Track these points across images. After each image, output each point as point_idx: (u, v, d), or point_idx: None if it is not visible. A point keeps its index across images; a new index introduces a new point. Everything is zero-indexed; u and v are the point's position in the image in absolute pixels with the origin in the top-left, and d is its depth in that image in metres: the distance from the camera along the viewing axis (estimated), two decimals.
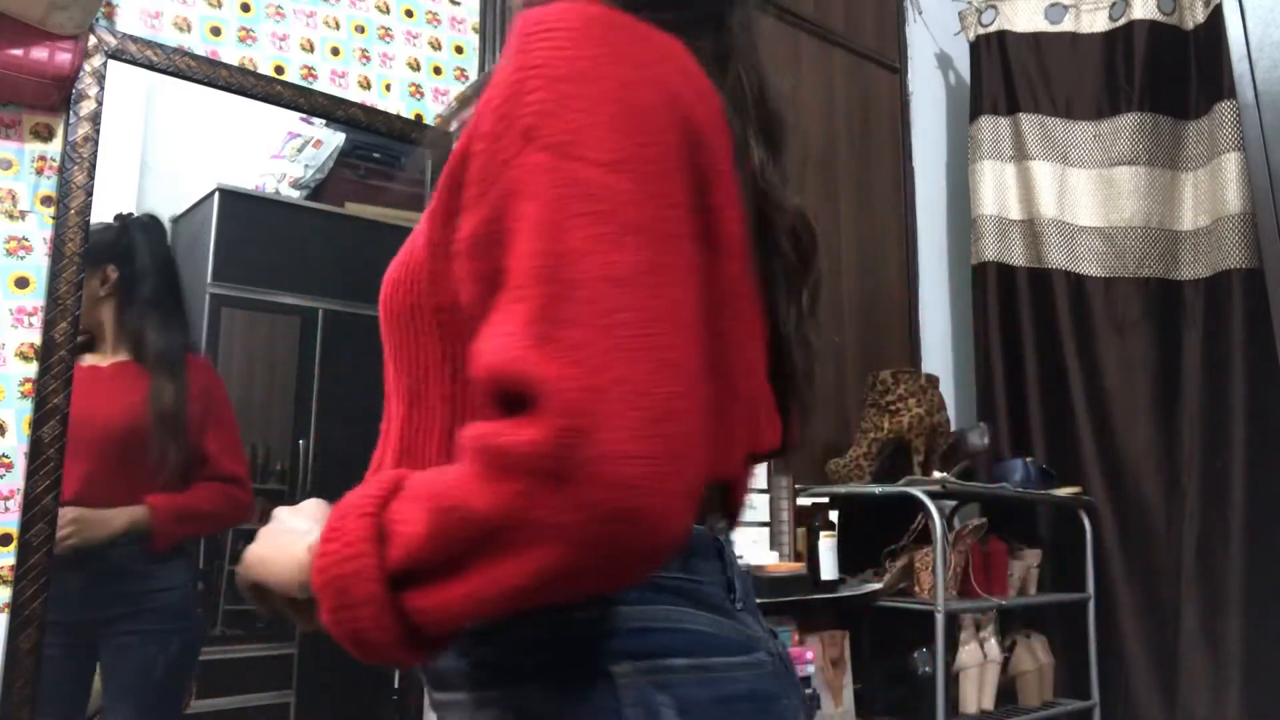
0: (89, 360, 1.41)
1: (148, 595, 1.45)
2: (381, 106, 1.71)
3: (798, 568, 1.81)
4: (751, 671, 0.55)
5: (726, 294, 0.53)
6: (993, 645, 2.02)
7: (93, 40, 1.38)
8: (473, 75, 1.85)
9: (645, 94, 0.50)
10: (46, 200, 1.36)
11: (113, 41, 1.41)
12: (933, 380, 2.17)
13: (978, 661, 1.99)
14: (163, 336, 1.47)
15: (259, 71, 1.57)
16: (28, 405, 1.31)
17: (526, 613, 0.47)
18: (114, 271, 1.43)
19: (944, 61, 2.89)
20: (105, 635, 1.40)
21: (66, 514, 1.35)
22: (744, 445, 0.57)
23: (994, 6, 2.67)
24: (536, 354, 0.44)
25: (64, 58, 1.32)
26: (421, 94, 1.78)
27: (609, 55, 0.50)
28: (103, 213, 1.38)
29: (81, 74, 1.36)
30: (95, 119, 1.38)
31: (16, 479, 1.29)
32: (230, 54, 1.56)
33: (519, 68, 0.50)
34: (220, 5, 1.57)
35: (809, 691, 1.77)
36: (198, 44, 1.53)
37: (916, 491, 1.89)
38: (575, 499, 0.42)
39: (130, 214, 1.45)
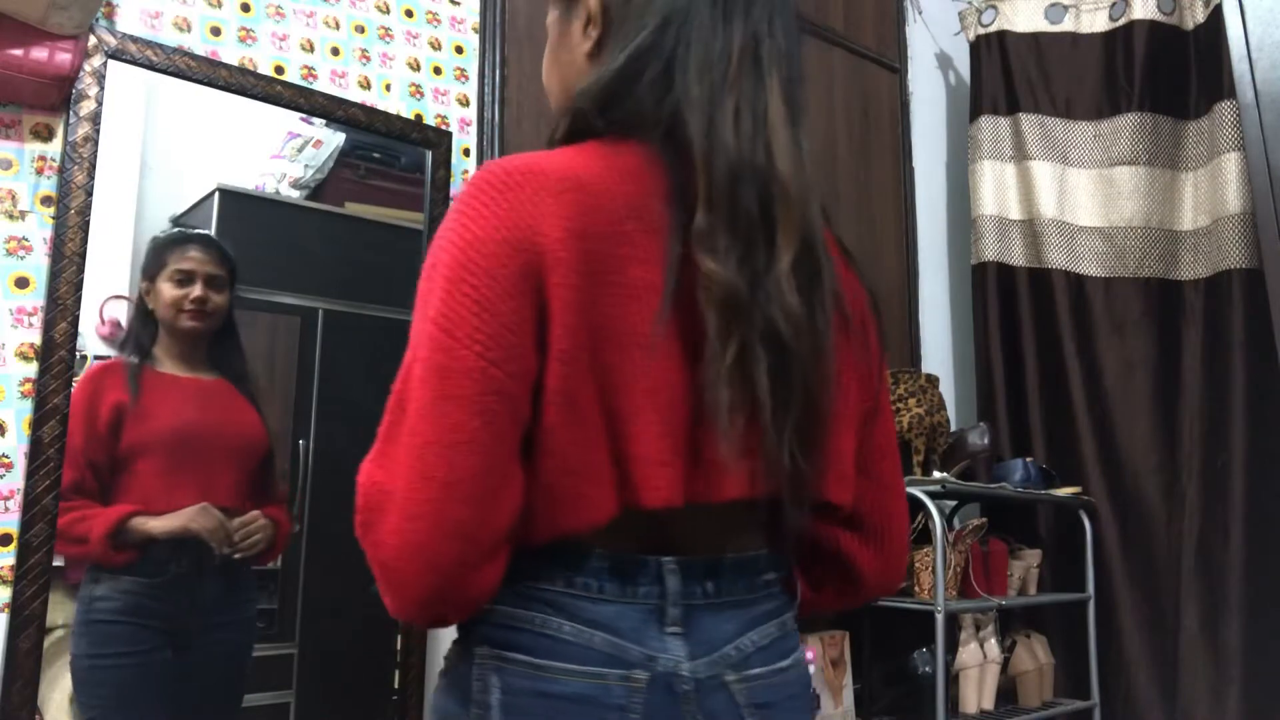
0: (188, 374, 1.45)
1: (247, 604, 1.48)
2: (381, 106, 1.71)
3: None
4: (592, 681, 0.67)
5: (580, 386, 0.66)
6: (993, 645, 2.02)
7: (93, 40, 1.38)
8: (473, 75, 1.85)
9: (488, 246, 0.65)
10: (46, 200, 1.36)
11: (113, 41, 1.41)
12: (933, 380, 2.17)
13: (978, 661, 1.99)
14: (247, 360, 1.51)
15: (259, 71, 1.57)
16: (28, 405, 1.31)
17: None
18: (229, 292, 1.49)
19: (944, 61, 2.89)
20: (205, 639, 1.41)
21: (256, 519, 1.43)
22: (607, 503, 0.67)
23: (994, 6, 2.67)
24: (371, 465, 0.66)
25: (64, 58, 1.32)
26: (421, 94, 1.78)
27: (471, 218, 0.66)
28: (103, 213, 1.38)
29: (81, 74, 1.36)
30: (95, 119, 1.38)
31: (16, 479, 1.29)
32: (230, 54, 1.56)
33: (435, 235, 0.70)
34: (220, 5, 1.57)
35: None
36: (198, 44, 1.53)
37: (916, 491, 1.89)
38: (371, 564, 0.65)
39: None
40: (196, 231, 1.48)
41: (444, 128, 1.77)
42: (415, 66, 1.78)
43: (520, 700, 0.67)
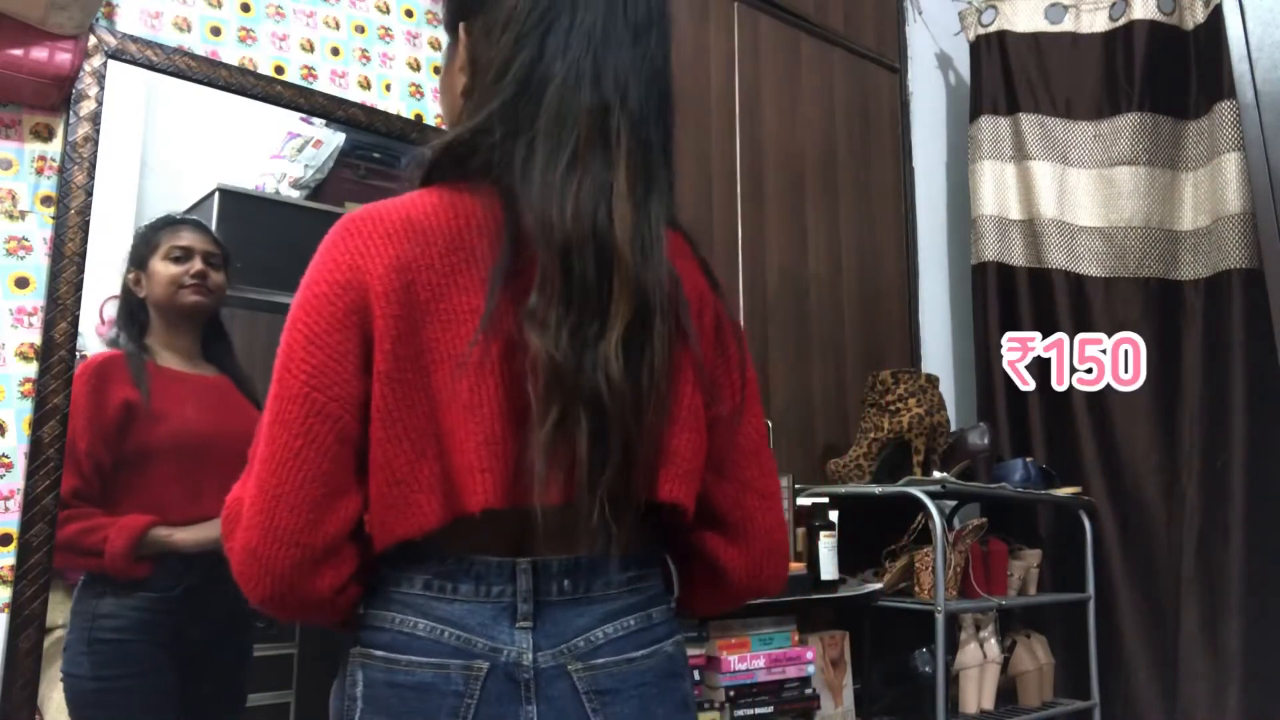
0: (191, 370, 1.41)
1: (247, 610, 1.45)
2: (381, 106, 1.71)
3: (798, 568, 1.81)
4: (434, 670, 0.74)
5: (401, 404, 0.73)
6: (993, 645, 2.02)
7: (93, 40, 1.38)
8: None
9: (320, 287, 0.75)
10: (46, 200, 1.36)
11: (113, 41, 1.41)
12: (933, 380, 2.17)
13: (978, 661, 2.00)
14: (239, 359, 1.48)
15: (259, 71, 1.57)
16: (28, 405, 1.31)
17: None
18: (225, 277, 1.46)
19: (944, 61, 2.89)
20: (208, 652, 1.38)
21: None
22: (434, 509, 0.73)
23: (994, 6, 2.67)
24: (236, 484, 0.78)
25: (64, 58, 1.32)
26: (421, 94, 1.78)
27: (316, 264, 0.77)
28: (103, 213, 1.37)
29: (81, 74, 1.36)
30: (95, 119, 1.38)
31: (16, 479, 1.29)
32: (230, 54, 1.56)
33: None
34: (220, 5, 1.57)
35: (808, 691, 1.77)
36: (198, 44, 1.53)
37: (916, 491, 1.89)
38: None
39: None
40: (186, 216, 1.46)
41: (444, 128, 1.77)
42: (415, 66, 1.78)
43: (376, 691, 0.75)
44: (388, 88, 1.74)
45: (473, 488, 0.72)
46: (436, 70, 1.80)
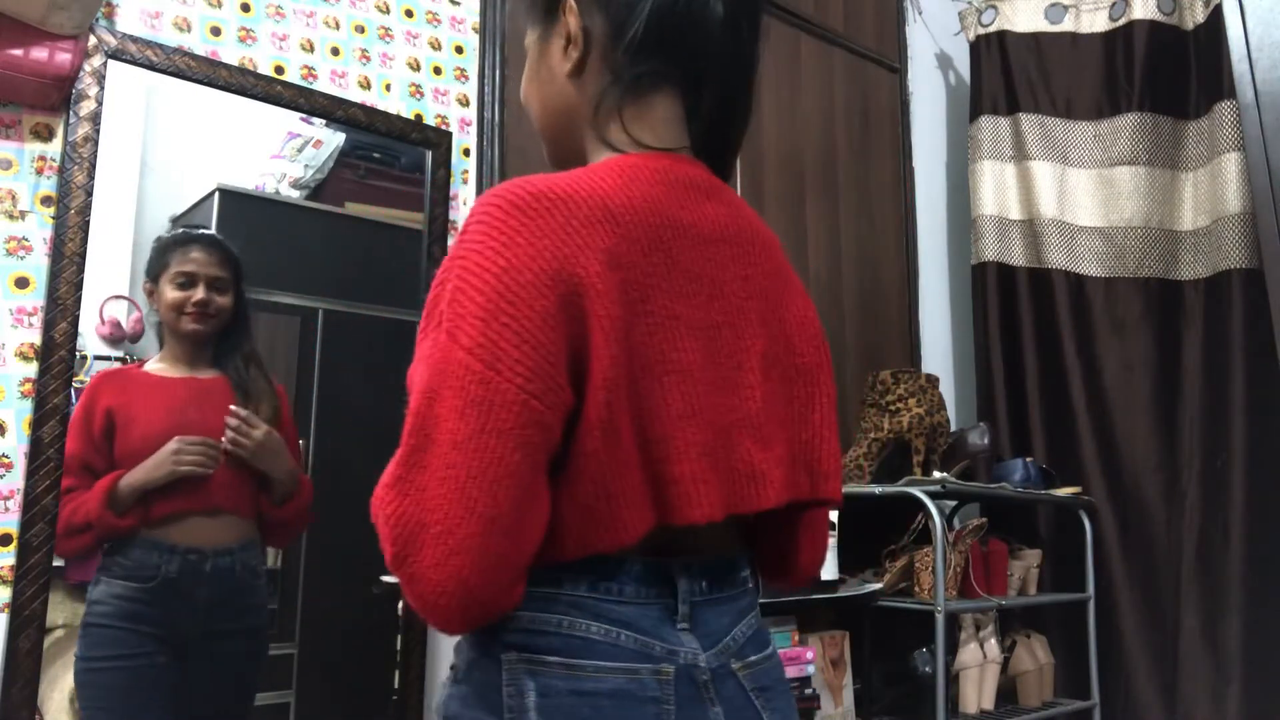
0: (186, 374, 1.44)
1: (251, 612, 1.47)
2: (381, 106, 1.71)
3: None
4: (626, 676, 0.69)
5: (623, 414, 0.68)
6: (993, 645, 2.02)
7: (93, 40, 1.38)
8: (473, 75, 1.85)
9: (522, 275, 0.66)
10: (46, 200, 1.36)
11: (113, 41, 1.41)
12: (933, 380, 2.17)
13: (978, 661, 2.00)
14: (249, 355, 1.50)
15: (259, 71, 1.57)
16: (28, 405, 1.31)
17: None
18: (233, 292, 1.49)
19: (944, 61, 2.89)
20: (205, 646, 1.40)
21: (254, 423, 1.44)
22: (641, 523, 0.70)
23: (994, 6, 2.67)
24: (394, 494, 0.65)
25: (64, 58, 1.32)
26: (421, 94, 1.78)
27: (503, 244, 0.67)
28: (103, 213, 1.38)
29: (81, 74, 1.36)
30: (95, 119, 1.38)
31: (16, 479, 1.30)
32: (230, 54, 1.56)
33: (451, 256, 0.69)
34: (220, 5, 1.57)
35: (808, 692, 1.77)
36: (198, 44, 1.53)
37: (916, 491, 1.89)
38: (406, 592, 0.65)
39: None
40: (200, 232, 1.48)
41: (444, 128, 1.77)
42: (415, 66, 1.78)
43: (557, 700, 0.68)
44: (388, 88, 1.73)
45: (697, 500, 0.70)
46: (437, 70, 1.80)
